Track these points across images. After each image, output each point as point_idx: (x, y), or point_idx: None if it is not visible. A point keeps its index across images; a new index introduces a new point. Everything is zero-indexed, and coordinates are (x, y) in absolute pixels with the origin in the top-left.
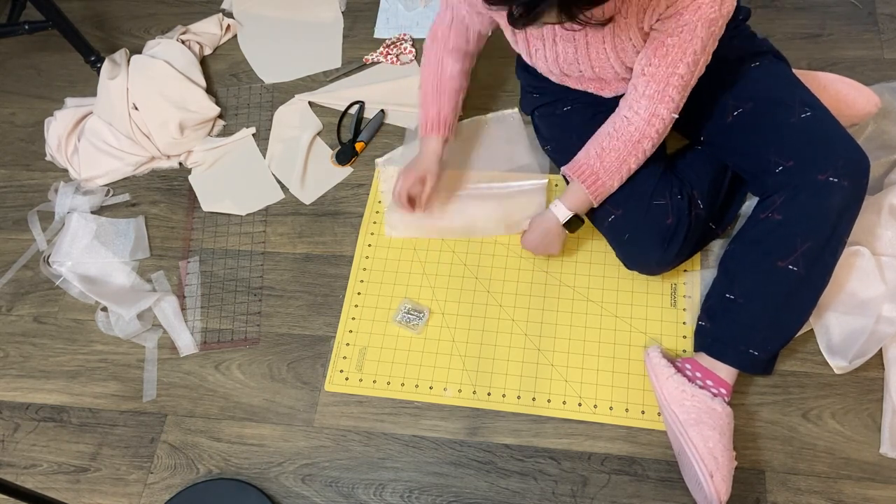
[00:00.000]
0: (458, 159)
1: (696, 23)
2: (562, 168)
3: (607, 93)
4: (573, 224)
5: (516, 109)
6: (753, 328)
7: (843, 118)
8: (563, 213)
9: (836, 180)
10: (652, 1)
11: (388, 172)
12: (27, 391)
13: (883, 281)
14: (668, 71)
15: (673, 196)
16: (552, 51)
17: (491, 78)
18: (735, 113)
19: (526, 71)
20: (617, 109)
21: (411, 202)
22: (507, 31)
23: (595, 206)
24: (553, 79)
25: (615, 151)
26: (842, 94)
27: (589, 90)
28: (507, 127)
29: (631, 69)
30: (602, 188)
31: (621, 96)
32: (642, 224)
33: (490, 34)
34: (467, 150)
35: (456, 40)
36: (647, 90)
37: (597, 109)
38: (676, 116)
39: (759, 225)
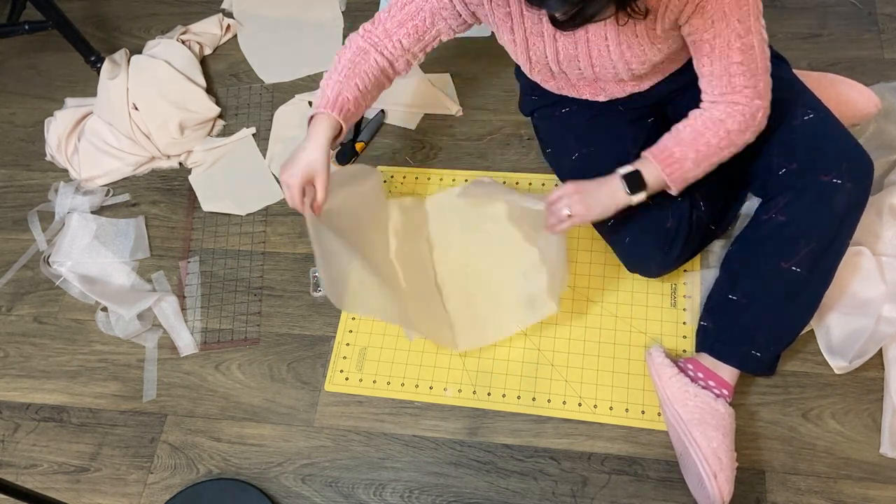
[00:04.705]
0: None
1: (722, 9)
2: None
3: (602, 97)
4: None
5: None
6: (756, 329)
7: (843, 119)
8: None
9: (840, 182)
10: (667, 3)
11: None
12: (27, 391)
13: (883, 281)
14: (723, 63)
15: (673, 199)
16: (552, 48)
17: (490, 78)
18: None
19: (524, 73)
20: (700, 109)
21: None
22: (505, 33)
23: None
24: (551, 87)
25: (706, 146)
26: (842, 96)
27: (584, 96)
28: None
29: (632, 70)
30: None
31: (617, 101)
32: (642, 228)
33: (446, 41)
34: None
35: (407, 40)
36: (714, 90)
37: (596, 111)
38: (762, 103)
39: (762, 226)
